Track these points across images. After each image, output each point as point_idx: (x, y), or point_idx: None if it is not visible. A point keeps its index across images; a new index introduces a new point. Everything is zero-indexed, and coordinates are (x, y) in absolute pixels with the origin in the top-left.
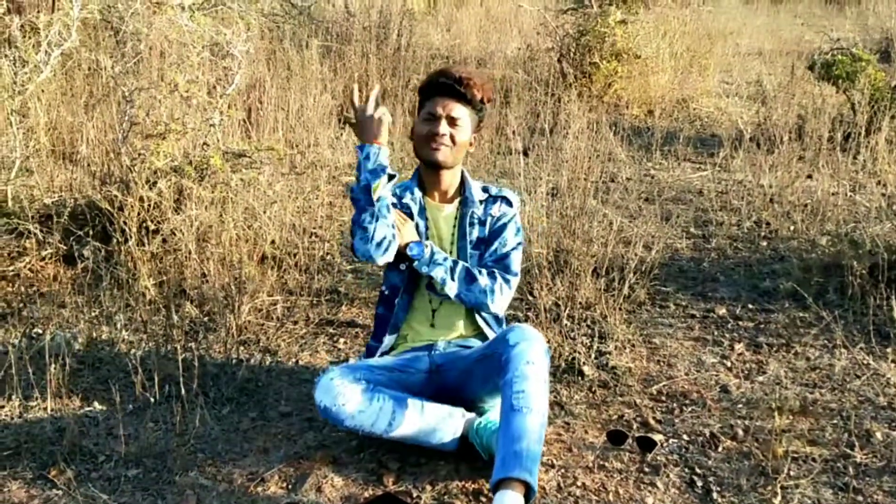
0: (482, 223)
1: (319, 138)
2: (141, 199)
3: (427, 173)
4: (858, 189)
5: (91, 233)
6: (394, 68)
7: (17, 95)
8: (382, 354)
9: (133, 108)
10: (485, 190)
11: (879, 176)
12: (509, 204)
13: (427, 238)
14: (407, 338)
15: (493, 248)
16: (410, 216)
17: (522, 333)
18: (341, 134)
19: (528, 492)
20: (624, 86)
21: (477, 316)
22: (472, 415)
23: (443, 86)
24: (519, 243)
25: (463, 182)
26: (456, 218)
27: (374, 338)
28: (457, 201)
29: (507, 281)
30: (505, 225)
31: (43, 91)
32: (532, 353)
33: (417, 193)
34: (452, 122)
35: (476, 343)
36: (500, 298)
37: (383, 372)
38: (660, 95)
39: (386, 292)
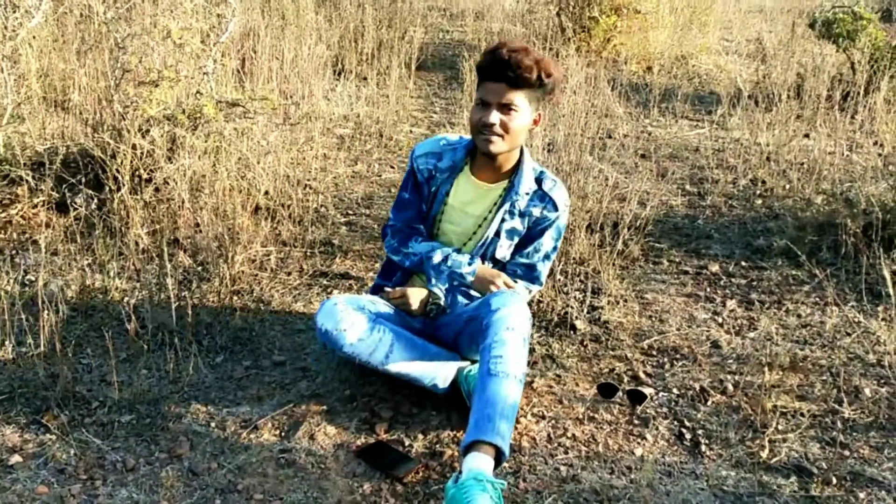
0: (521, 216)
1: (314, 89)
2: (134, 147)
3: (480, 153)
4: (855, 148)
5: (83, 180)
6: (390, 19)
7: (7, 41)
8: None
9: (125, 55)
10: (537, 180)
11: (876, 136)
12: (554, 208)
13: (443, 204)
14: (416, 282)
15: (527, 249)
16: (430, 181)
17: (505, 299)
18: (336, 86)
19: (500, 455)
20: (623, 41)
21: None
22: (466, 363)
23: (493, 70)
24: (554, 248)
25: (518, 165)
26: (496, 203)
27: (382, 277)
28: (503, 183)
29: (528, 291)
30: (545, 229)
31: (34, 37)
32: (513, 319)
33: (459, 160)
34: (505, 108)
35: None
36: (525, 301)
37: (385, 307)
38: (659, 52)
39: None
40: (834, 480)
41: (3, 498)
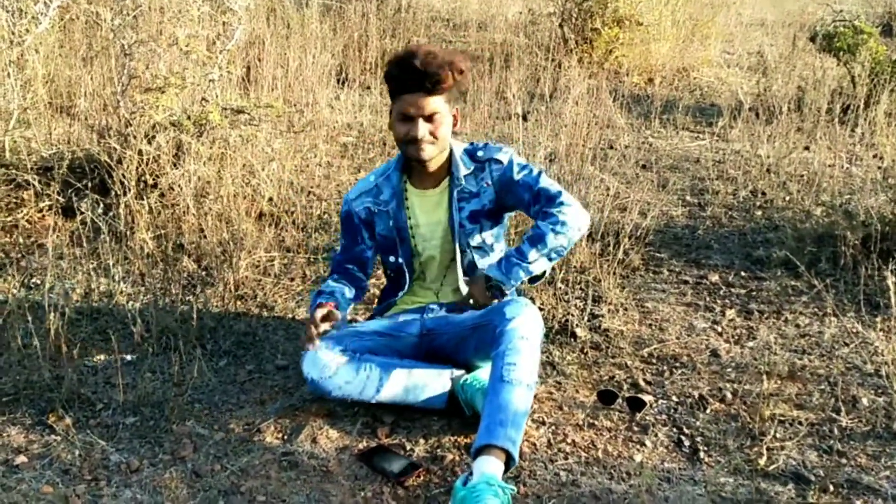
0: (475, 195)
1: (318, 97)
2: (139, 153)
3: (412, 164)
4: (855, 161)
5: (89, 185)
6: (393, 29)
7: (14, 46)
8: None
9: (132, 62)
10: (471, 156)
11: (876, 148)
12: (498, 162)
13: (409, 226)
14: (406, 301)
15: (525, 198)
16: (384, 214)
17: (519, 308)
18: (339, 94)
19: (509, 461)
20: (625, 53)
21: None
22: (461, 371)
23: (408, 82)
24: (530, 170)
25: (450, 160)
26: (448, 200)
27: (378, 307)
28: (444, 182)
29: (561, 204)
30: (511, 176)
31: (41, 43)
32: (527, 328)
33: (396, 181)
34: (429, 118)
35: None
36: (573, 216)
37: (373, 336)
38: (660, 63)
39: (392, 274)
40: (831, 488)
41: (9, 497)
